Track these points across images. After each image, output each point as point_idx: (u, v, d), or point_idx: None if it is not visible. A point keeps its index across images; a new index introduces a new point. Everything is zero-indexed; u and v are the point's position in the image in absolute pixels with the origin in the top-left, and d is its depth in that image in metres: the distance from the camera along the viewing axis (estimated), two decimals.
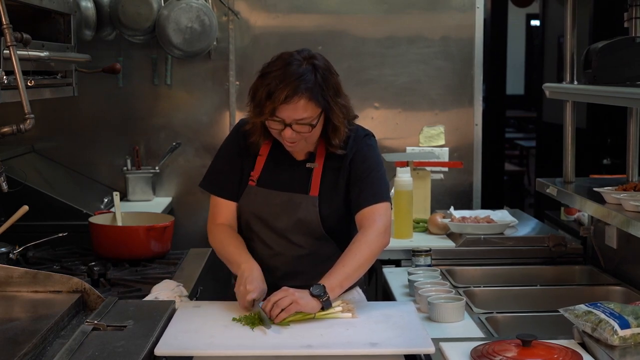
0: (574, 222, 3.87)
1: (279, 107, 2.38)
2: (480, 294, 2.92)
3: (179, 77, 4.47)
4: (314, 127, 2.43)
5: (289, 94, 2.36)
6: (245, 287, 2.37)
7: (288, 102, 2.37)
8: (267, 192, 2.56)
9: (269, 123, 2.45)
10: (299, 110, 2.39)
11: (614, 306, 2.22)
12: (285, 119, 2.40)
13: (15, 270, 2.44)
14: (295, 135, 2.43)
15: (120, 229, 3.25)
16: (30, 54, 2.77)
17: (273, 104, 2.38)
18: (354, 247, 2.43)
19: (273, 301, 2.29)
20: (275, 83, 2.38)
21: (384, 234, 2.47)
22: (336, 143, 2.51)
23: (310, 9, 4.46)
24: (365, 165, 2.54)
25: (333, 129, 2.48)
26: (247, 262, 2.46)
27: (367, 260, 2.44)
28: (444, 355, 2.17)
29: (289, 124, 2.41)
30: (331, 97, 2.44)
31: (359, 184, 2.52)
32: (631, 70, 2.77)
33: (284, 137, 2.45)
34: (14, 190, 2.91)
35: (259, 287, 2.39)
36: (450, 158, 4.46)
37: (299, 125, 2.42)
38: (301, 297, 2.30)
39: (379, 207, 2.50)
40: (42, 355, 1.99)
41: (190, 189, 4.45)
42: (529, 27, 12.46)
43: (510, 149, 10.26)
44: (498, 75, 7.96)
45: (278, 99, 2.36)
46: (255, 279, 2.39)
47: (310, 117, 2.41)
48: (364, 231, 2.46)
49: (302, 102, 2.38)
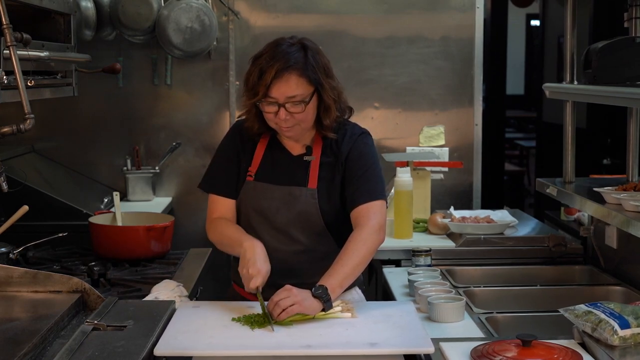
0: (574, 222, 3.87)
1: (272, 84, 2.41)
2: (480, 294, 2.92)
3: (179, 77, 4.47)
4: (307, 105, 2.45)
5: (280, 68, 2.40)
6: (248, 271, 2.35)
7: (279, 78, 2.40)
8: (265, 186, 2.56)
9: (264, 107, 2.46)
10: (291, 86, 2.42)
11: (614, 306, 2.22)
12: (278, 97, 2.42)
13: (15, 270, 2.44)
14: (289, 117, 2.44)
15: (120, 229, 3.25)
16: (30, 54, 2.77)
17: (265, 81, 2.41)
18: (350, 245, 2.43)
19: (275, 301, 2.29)
20: (266, 61, 2.43)
21: (379, 232, 2.48)
22: (327, 124, 2.53)
23: (310, 9, 4.46)
24: (361, 162, 2.55)
25: (325, 109, 2.51)
26: (249, 240, 2.44)
27: (364, 258, 2.44)
28: (444, 355, 2.17)
29: (282, 103, 2.43)
30: (322, 76, 2.47)
31: (355, 181, 2.53)
32: (631, 70, 2.77)
33: (279, 119, 2.45)
34: (14, 190, 2.91)
35: (263, 269, 2.36)
36: (450, 158, 4.46)
37: (292, 105, 2.43)
38: (303, 298, 2.30)
39: (374, 205, 2.50)
40: (42, 355, 1.99)
41: (190, 189, 4.44)
42: (529, 27, 12.46)
43: (510, 149, 10.26)
44: (498, 75, 7.96)
45: (269, 74, 2.40)
46: (257, 260, 2.36)
47: (302, 94, 2.44)
48: (360, 229, 2.47)
49: (293, 78, 2.42)
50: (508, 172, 8.87)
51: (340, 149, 2.57)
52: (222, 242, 2.56)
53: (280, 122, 2.47)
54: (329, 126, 2.54)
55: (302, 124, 2.50)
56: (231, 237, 2.52)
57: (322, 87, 2.47)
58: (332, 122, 2.54)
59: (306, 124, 2.51)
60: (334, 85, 2.52)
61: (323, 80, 2.47)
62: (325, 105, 2.50)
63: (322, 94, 2.48)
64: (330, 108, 2.51)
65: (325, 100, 2.49)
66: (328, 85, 2.49)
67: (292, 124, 2.47)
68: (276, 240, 2.55)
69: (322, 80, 2.47)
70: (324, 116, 2.52)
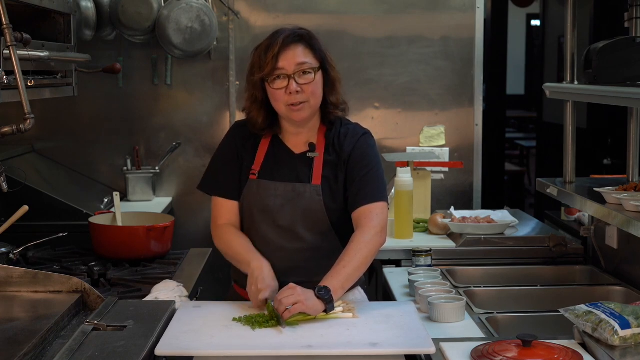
0: (575, 222, 3.87)
1: (279, 54, 2.45)
2: (480, 294, 2.92)
3: (179, 77, 4.47)
4: (316, 73, 2.48)
5: (286, 38, 2.47)
6: (256, 287, 2.39)
7: (287, 47, 2.46)
8: (269, 183, 2.56)
9: (273, 84, 2.48)
10: (298, 54, 2.47)
11: (614, 306, 2.22)
12: (287, 67, 2.45)
13: (15, 270, 2.44)
14: (300, 90, 2.46)
15: (120, 229, 3.25)
16: (30, 54, 2.77)
17: (273, 52, 2.45)
18: (352, 246, 2.44)
19: (279, 299, 2.30)
20: (269, 40, 2.50)
21: (381, 233, 2.49)
22: (333, 101, 2.56)
23: (310, 9, 4.46)
24: (364, 163, 2.55)
25: (331, 85, 2.55)
26: (257, 260, 2.46)
27: (366, 259, 2.45)
28: (445, 355, 2.17)
29: (291, 74, 2.45)
30: (325, 52, 2.53)
31: (357, 182, 2.53)
32: (631, 70, 2.77)
33: (290, 92, 2.46)
34: (14, 190, 2.92)
35: (270, 285, 2.39)
36: (451, 158, 4.46)
37: (301, 75, 2.46)
38: (307, 297, 2.30)
39: (376, 207, 2.50)
40: (42, 355, 1.99)
41: (190, 189, 4.44)
42: (529, 27, 12.48)
43: (510, 149, 10.27)
44: (498, 75, 7.97)
45: (276, 46, 2.46)
46: (266, 277, 2.40)
47: (310, 63, 2.48)
48: (362, 231, 2.47)
49: (300, 48, 2.48)
50: (508, 172, 8.87)
51: (343, 147, 2.57)
52: (228, 254, 2.58)
53: (290, 99, 2.47)
54: (335, 104, 2.57)
55: (312, 100, 2.50)
56: (239, 254, 2.53)
57: (327, 62, 2.52)
58: (338, 100, 2.57)
59: (315, 100, 2.51)
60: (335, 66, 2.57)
61: (327, 56, 2.53)
62: (331, 81, 2.54)
63: (328, 69, 2.52)
64: (336, 84, 2.55)
65: (331, 75, 2.53)
66: (331, 62, 2.55)
67: (302, 99, 2.48)
68: (280, 238, 2.54)
69: (326, 54, 2.53)
70: (330, 93, 2.55)
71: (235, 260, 2.56)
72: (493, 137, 7.48)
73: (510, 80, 8.40)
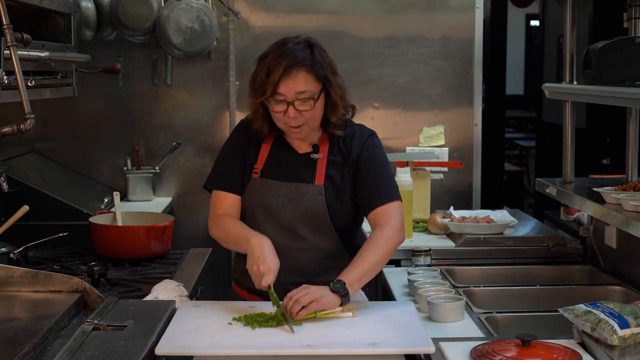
0: (574, 222, 3.87)
1: (280, 81, 2.41)
2: (480, 294, 2.92)
3: (179, 77, 4.47)
4: (315, 102, 2.45)
5: (288, 65, 2.41)
6: (258, 268, 2.35)
7: (288, 75, 2.41)
8: (271, 183, 2.56)
9: (272, 107, 2.46)
10: (299, 82, 2.43)
11: (613, 306, 2.23)
12: (287, 94, 2.43)
13: (16, 270, 2.44)
14: (298, 116, 2.44)
15: (120, 229, 3.25)
16: (31, 54, 2.78)
17: (273, 78, 2.41)
18: (371, 243, 2.44)
19: (295, 298, 2.29)
20: (273, 59, 2.43)
21: (400, 231, 2.50)
22: (334, 121, 2.54)
23: (310, 9, 4.46)
24: (374, 164, 2.56)
25: (332, 107, 2.51)
26: (256, 237, 2.43)
27: (385, 256, 2.45)
28: (444, 355, 2.17)
29: (291, 101, 2.43)
30: (329, 73, 2.49)
31: (369, 183, 2.53)
32: (631, 70, 2.77)
33: (288, 117, 2.45)
34: (14, 190, 2.92)
35: (272, 265, 2.36)
36: (450, 158, 4.46)
37: (301, 102, 2.44)
38: (322, 295, 2.30)
39: (393, 206, 2.52)
40: (42, 355, 1.99)
41: (190, 189, 4.44)
42: (529, 27, 12.48)
43: (510, 149, 10.27)
44: (498, 75, 7.97)
45: (277, 72, 2.41)
46: (267, 256, 2.36)
47: (311, 91, 2.44)
48: (381, 228, 2.47)
49: (301, 75, 2.43)
50: (508, 172, 8.88)
51: (350, 148, 2.56)
52: (227, 239, 2.56)
53: (288, 122, 2.47)
54: (336, 123, 2.55)
55: (310, 123, 2.50)
56: (237, 234, 2.51)
57: (329, 83, 2.48)
58: (339, 119, 2.55)
59: (314, 122, 2.51)
60: (339, 83, 2.53)
61: (330, 77, 2.49)
62: (332, 102, 2.51)
63: (330, 91, 2.49)
64: (337, 105, 2.52)
65: (333, 97, 2.50)
66: (335, 82, 2.50)
67: (300, 122, 2.47)
68: (282, 238, 2.53)
69: (329, 77, 2.48)
70: (331, 113, 2.52)
71: (233, 242, 2.53)
72: (492, 137, 7.48)
73: (509, 81, 8.40)
